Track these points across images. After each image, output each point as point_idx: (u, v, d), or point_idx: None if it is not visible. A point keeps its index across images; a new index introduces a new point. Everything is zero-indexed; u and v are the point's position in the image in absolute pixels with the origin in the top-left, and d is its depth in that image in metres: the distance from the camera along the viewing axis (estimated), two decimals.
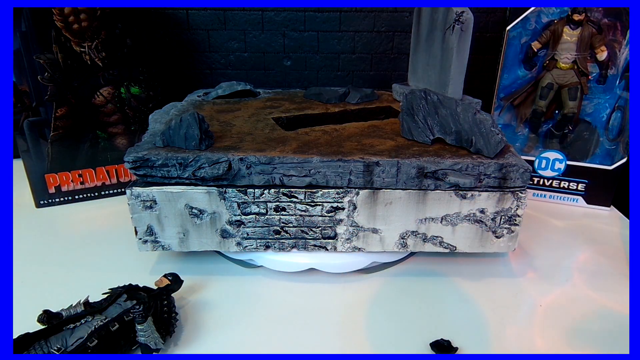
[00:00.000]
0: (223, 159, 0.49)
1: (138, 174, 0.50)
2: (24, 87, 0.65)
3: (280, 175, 0.50)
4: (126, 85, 0.70)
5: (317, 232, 0.53)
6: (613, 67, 0.65)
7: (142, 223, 0.52)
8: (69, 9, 0.64)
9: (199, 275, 0.55)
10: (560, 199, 0.74)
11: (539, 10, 0.66)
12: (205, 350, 0.44)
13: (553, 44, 0.67)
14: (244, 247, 0.53)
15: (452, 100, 0.52)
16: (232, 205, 0.51)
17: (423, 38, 0.67)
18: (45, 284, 0.53)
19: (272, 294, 0.52)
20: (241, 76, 0.88)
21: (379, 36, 0.86)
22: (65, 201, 0.72)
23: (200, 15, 0.83)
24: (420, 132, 0.54)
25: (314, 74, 0.89)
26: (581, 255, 0.60)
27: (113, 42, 0.68)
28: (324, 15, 0.84)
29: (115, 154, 0.72)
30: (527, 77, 0.69)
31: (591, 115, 0.68)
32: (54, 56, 0.64)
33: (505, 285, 0.54)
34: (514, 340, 0.46)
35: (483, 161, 0.50)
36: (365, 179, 0.50)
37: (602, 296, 0.52)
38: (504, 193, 0.51)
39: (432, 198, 0.51)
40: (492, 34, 0.85)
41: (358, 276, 0.55)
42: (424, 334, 0.46)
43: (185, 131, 0.50)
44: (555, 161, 0.72)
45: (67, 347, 0.40)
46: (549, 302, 0.51)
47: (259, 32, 0.85)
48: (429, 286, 0.54)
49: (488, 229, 0.53)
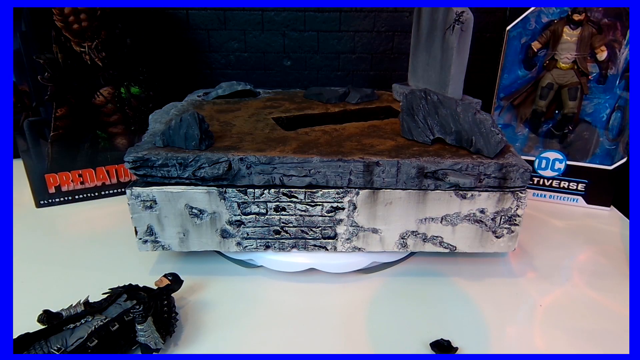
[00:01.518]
0: (223, 159, 0.49)
1: (138, 174, 0.50)
2: (24, 87, 0.65)
3: (280, 175, 0.50)
4: (126, 85, 0.70)
5: (317, 232, 0.53)
6: (613, 67, 0.65)
7: (142, 223, 0.52)
8: (69, 9, 0.64)
9: (199, 275, 0.55)
10: (560, 199, 0.74)
11: (539, 10, 0.66)
12: (205, 350, 0.44)
13: (553, 44, 0.67)
14: (244, 247, 0.53)
15: (452, 100, 0.52)
16: (232, 205, 0.51)
17: (423, 38, 0.67)
18: (45, 284, 0.53)
19: (272, 294, 0.52)
20: (241, 76, 0.88)
21: (379, 36, 0.86)
22: (65, 201, 0.72)
23: (200, 15, 0.83)
24: (420, 132, 0.54)
25: (314, 74, 0.89)
26: (581, 255, 0.60)
27: (113, 42, 0.68)
28: (324, 15, 0.84)
29: (115, 154, 0.72)
30: (527, 77, 0.69)
31: (591, 115, 0.68)
32: (54, 56, 0.64)
33: (505, 285, 0.54)
34: (514, 340, 0.46)
35: (483, 161, 0.50)
36: (365, 179, 0.50)
37: (602, 296, 0.52)
38: (504, 193, 0.51)
39: (432, 198, 0.51)
40: (492, 34, 0.85)
41: (358, 276, 0.55)
42: (424, 334, 0.46)
43: (185, 131, 0.50)
44: (555, 161, 0.72)
45: (67, 347, 0.40)
46: (549, 302, 0.51)
47: (259, 32, 0.85)
48: (429, 286, 0.54)
49: (488, 229, 0.53)
